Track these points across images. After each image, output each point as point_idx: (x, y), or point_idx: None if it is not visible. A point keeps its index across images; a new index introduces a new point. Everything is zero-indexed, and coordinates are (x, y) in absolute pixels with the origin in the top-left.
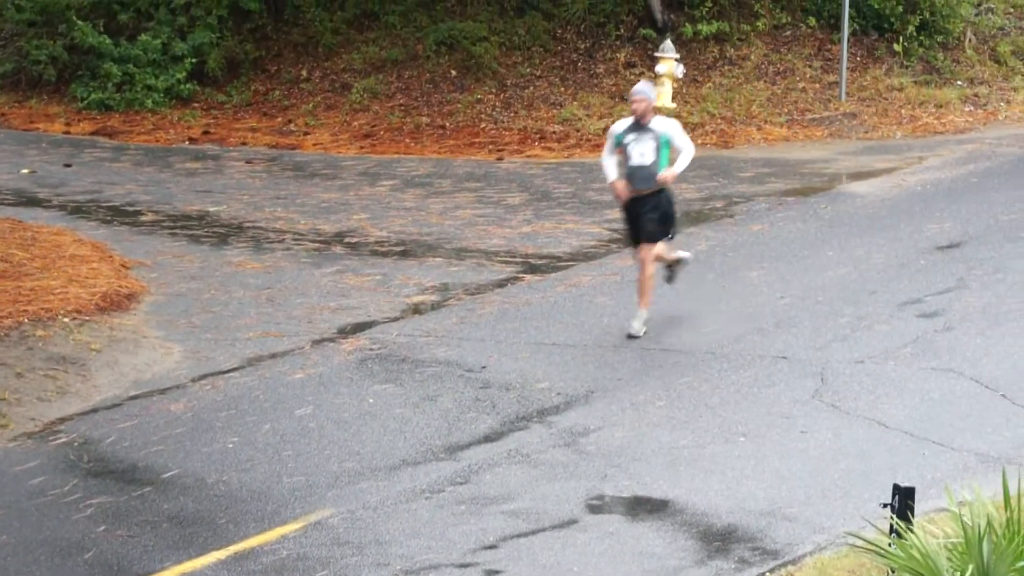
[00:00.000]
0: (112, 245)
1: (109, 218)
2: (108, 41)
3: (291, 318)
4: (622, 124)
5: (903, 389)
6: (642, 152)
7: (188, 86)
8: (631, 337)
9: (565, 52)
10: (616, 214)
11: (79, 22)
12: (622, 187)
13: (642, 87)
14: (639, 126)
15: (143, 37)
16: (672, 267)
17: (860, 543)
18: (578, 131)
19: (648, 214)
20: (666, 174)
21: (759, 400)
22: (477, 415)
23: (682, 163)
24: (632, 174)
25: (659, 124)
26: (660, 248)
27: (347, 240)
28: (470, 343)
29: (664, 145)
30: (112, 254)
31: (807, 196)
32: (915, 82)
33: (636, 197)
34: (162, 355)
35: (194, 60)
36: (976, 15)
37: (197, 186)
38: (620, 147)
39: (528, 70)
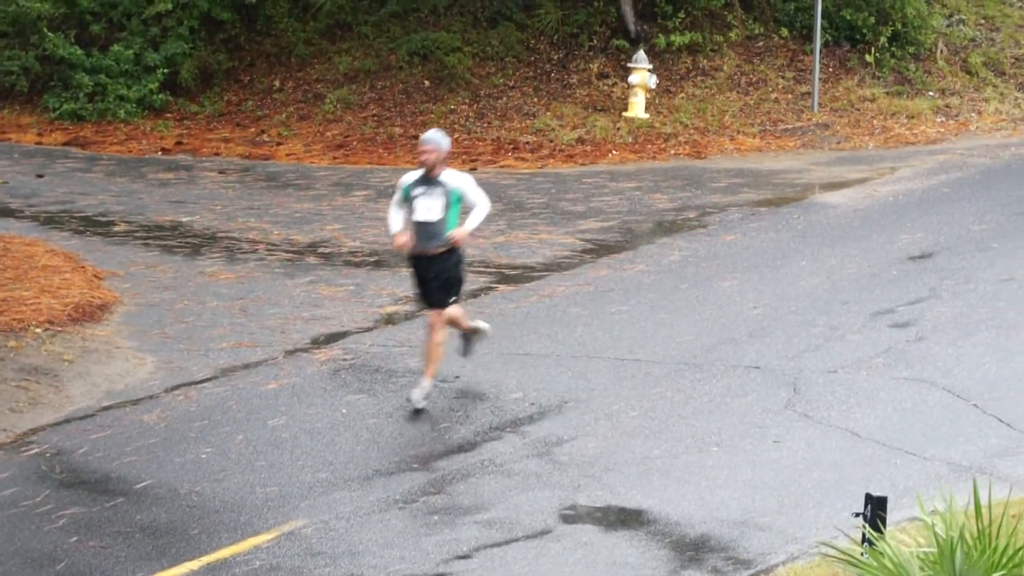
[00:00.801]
0: (85, 256)
1: (82, 228)
2: (80, 52)
3: (264, 328)
4: (412, 176)
5: (875, 399)
6: (429, 207)
7: (161, 96)
8: (416, 411)
9: (538, 63)
10: (591, 224)
11: (50, 34)
12: (403, 240)
13: (432, 135)
14: (428, 179)
15: (115, 48)
16: (468, 337)
17: (833, 552)
18: (551, 141)
19: (433, 279)
20: (456, 233)
21: (732, 410)
22: (450, 425)
23: (474, 220)
24: (418, 231)
25: (450, 178)
26: (454, 312)
27: (320, 250)
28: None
29: (455, 201)
30: (85, 265)
31: (780, 206)
32: (887, 93)
33: (422, 256)
34: (135, 365)
35: (166, 70)
36: (947, 27)
37: (170, 196)
38: (407, 201)
39: (501, 80)
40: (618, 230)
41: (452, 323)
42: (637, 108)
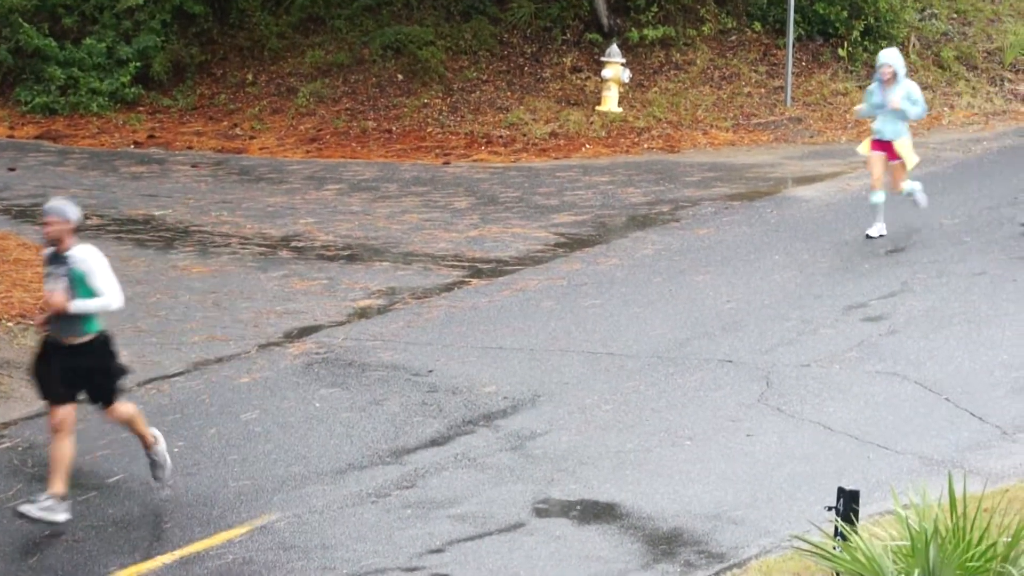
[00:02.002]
0: None
1: None
2: (53, 44)
3: (237, 322)
4: (48, 249)
5: (848, 392)
6: (52, 290)
7: (133, 90)
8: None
9: (512, 56)
10: (564, 218)
11: (24, 24)
12: (39, 319)
13: (56, 204)
14: (56, 256)
15: (88, 41)
16: (152, 453)
17: (805, 546)
18: (525, 135)
19: (65, 372)
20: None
21: (705, 404)
22: (424, 419)
23: (90, 304)
24: (50, 316)
25: (78, 255)
26: (127, 412)
27: (293, 244)
28: (417, 347)
29: (78, 282)
30: None
31: (753, 200)
32: (860, 87)
33: (55, 343)
34: None
35: (139, 64)
36: (920, 20)
37: (142, 190)
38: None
39: (475, 74)
40: (591, 224)
41: (127, 423)
42: (610, 102)
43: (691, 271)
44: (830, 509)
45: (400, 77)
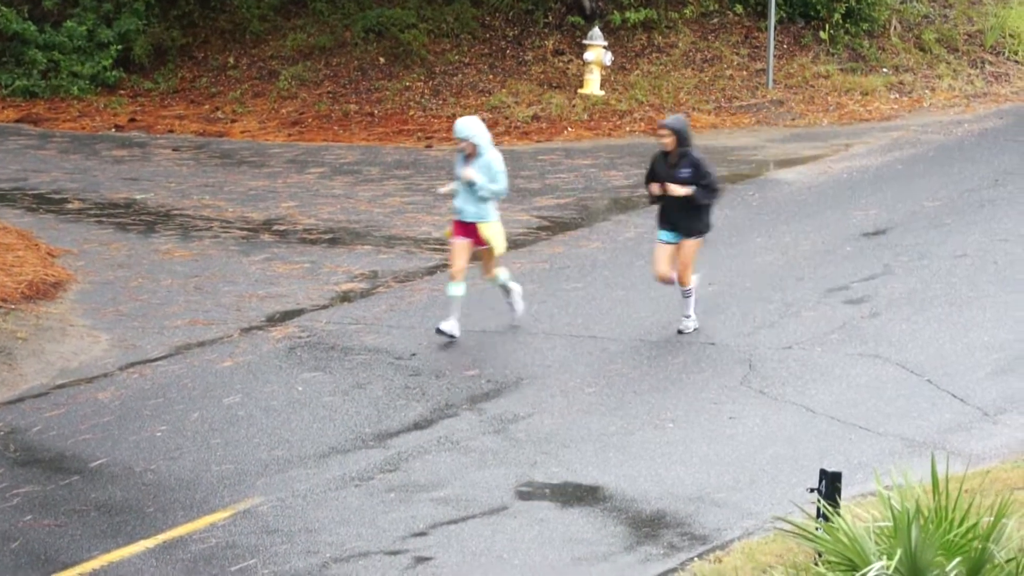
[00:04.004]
0: (38, 233)
1: (35, 206)
2: (33, 27)
3: (219, 306)
4: None
5: (830, 375)
6: None
7: (114, 73)
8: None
9: (494, 39)
10: (546, 201)
11: (3, 7)
12: None
13: None
14: None
15: (68, 24)
16: None
17: (788, 528)
18: (507, 118)
19: None
20: None
21: (688, 386)
22: (407, 402)
23: None
24: None
25: None
26: None
27: (275, 228)
28: (399, 330)
29: None
30: (38, 242)
31: (734, 183)
32: (841, 70)
33: None
34: (89, 343)
35: (120, 47)
36: (901, 3)
37: (124, 174)
38: None
39: (457, 57)
40: (574, 207)
41: None
42: (592, 85)
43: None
44: (812, 491)
45: (382, 60)
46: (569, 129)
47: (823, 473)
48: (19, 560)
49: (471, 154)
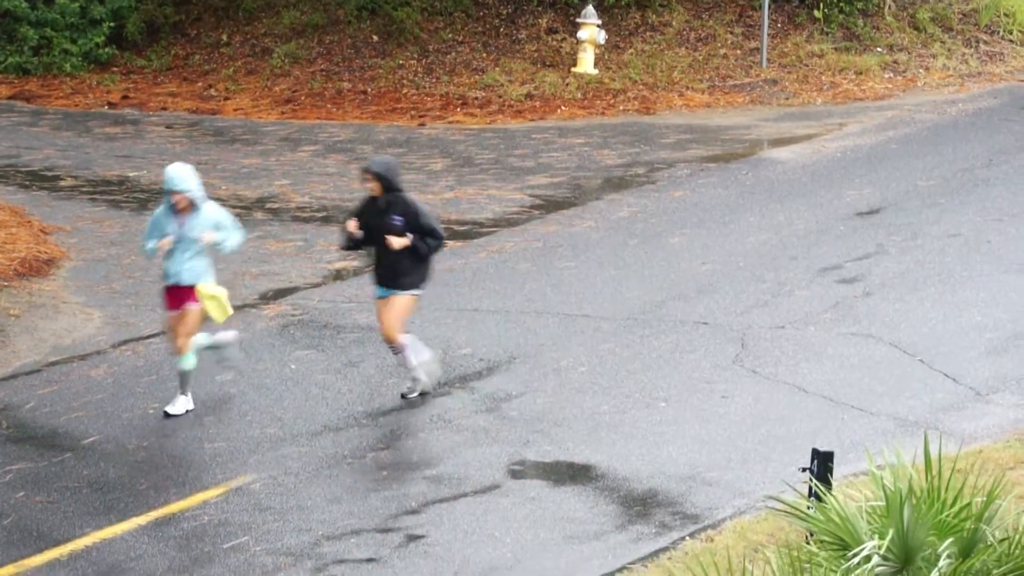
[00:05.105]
0: (31, 210)
1: (28, 183)
2: (24, 4)
3: None
4: None
5: (822, 354)
6: None
7: (107, 50)
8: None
9: (487, 17)
10: (539, 180)
11: None
12: None
13: None
14: None
15: (60, 0)
16: None
17: (780, 507)
18: (500, 97)
19: None
20: None
21: (680, 365)
22: (399, 381)
23: None
24: None
25: None
26: None
27: (268, 206)
28: None
29: None
30: (31, 219)
31: (728, 162)
32: (835, 49)
33: None
34: (82, 321)
35: (113, 24)
36: None
37: (117, 151)
38: None
39: (450, 35)
40: (567, 186)
41: None
42: (586, 64)
43: (666, 233)
44: (804, 470)
45: (375, 38)
46: (562, 108)
47: (815, 452)
48: (11, 536)
49: (184, 208)
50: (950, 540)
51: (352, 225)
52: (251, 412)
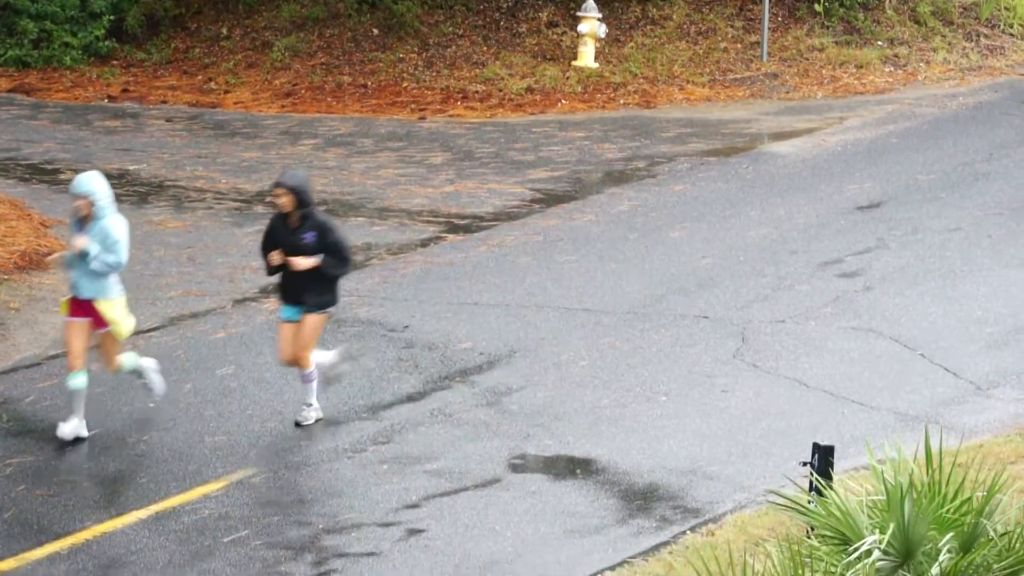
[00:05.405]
0: (31, 203)
1: (27, 176)
2: None
3: (212, 277)
4: None
5: (823, 348)
6: None
7: (107, 43)
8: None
9: (487, 11)
10: (540, 174)
11: None
12: None
13: None
14: None
15: None
16: None
17: (780, 501)
18: (500, 91)
19: None
20: None
21: (681, 359)
22: (400, 375)
23: None
24: None
25: None
26: None
27: (269, 199)
28: (393, 303)
29: None
30: (31, 212)
31: (729, 156)
32: (836, 42)
33: None
34: None
35: (112, 17)
36: None
37: (117, 144)
38: None
39: (450, 29)
40: (567, 180)
41: None
42: (587, 57)
43: (667, 227)
44: (805, 464)
45: (375, 31)
46: (563, 101)
47: (816, 447)
48: (12, 530)
49: (87, 216)
50: (951, 534)
51: (275, 257)
52: (251, 406)
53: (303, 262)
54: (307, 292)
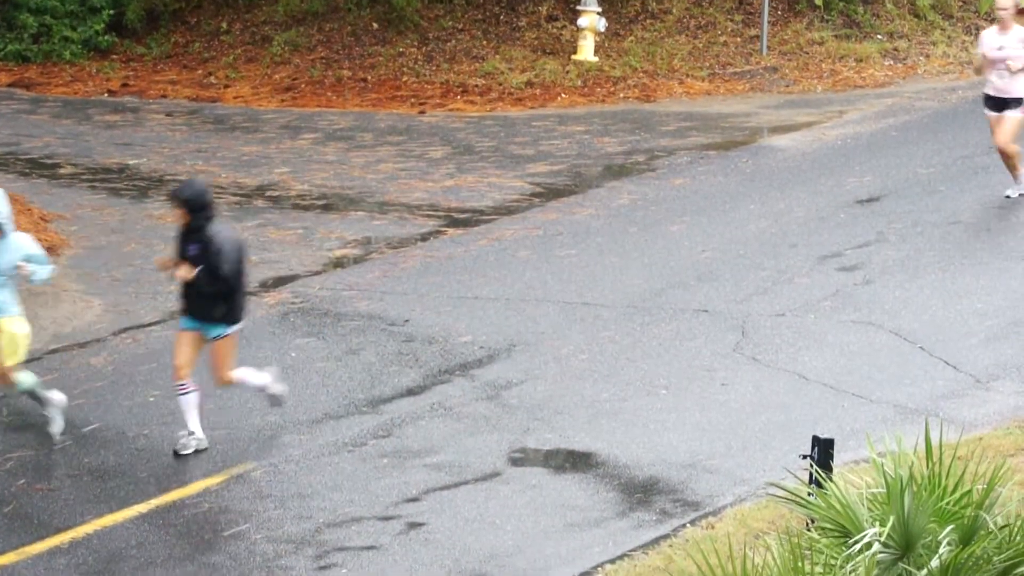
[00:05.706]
0: (31, 198)
1: (27, 171)
2: None
3: None
4: None
5: (823, 342)
6: None
7: (106, 38)
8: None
9: (487, 5)
10: (540, 168)
11: None
12: None
13: None
14: None
15: None
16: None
17: (780, 494)
18: (500, 85)
19: None
20: None
21: (680, 353)
22: (400, 368)
23: None
24: None
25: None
26: None
27: (268, 194)
28: (393, 297)
29: None
30: (31, 207)
31: (728, 150)
32: (835, 36)
33: None
34: (82, 308)
35: (112, 11)
36: None
37: (116, 139)
38: None
39: (450, 23)
40: (567, 174)
41: None
42: (586, 51)
43: (666, 221)
44: (805, 457)
45: (375, 26)
46: (563, 95)
47: (816, 439)
48: (12, 524)
49: None
50: (951, 527)
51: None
52: (252, 400)
53: (183, 272)
54: (202, 305)
